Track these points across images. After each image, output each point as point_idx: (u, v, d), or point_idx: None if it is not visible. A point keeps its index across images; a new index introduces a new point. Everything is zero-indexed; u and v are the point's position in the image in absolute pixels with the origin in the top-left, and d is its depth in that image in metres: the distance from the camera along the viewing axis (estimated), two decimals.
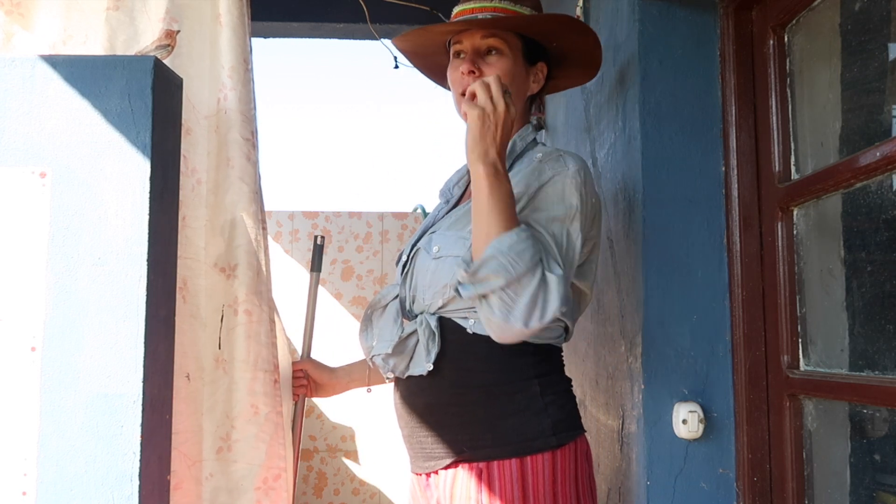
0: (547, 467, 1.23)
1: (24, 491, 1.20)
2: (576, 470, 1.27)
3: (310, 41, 3.27)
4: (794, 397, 1.32)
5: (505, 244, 1.12)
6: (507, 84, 1.23)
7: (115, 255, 1.25)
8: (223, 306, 1.60)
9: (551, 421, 1.25)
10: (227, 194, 1.62)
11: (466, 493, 1.24)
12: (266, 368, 1.60)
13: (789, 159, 1.36)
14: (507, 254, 1.12)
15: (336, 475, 3.04)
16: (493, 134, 1.16)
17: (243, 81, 1.65)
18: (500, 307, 1.13)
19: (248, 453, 1.57)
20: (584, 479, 1.28)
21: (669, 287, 1.42)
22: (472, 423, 1.26)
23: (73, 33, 1.59)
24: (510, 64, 1.34)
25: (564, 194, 1.23)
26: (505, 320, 1.13)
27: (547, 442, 1.24)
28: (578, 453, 1.28)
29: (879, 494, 1.20)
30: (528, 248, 1.12)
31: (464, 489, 1.25)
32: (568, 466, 1.25)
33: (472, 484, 1.24)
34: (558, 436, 1.25)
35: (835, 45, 1.31)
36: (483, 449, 1.25)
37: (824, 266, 1.31)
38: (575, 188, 1.24)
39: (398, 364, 1.33)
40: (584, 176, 1.26)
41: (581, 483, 1.27)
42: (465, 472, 1.26)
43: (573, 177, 1.24)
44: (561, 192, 1.24)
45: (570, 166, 1.26)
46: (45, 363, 1.22)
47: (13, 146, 1.27)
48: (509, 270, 1.11)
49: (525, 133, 1.39)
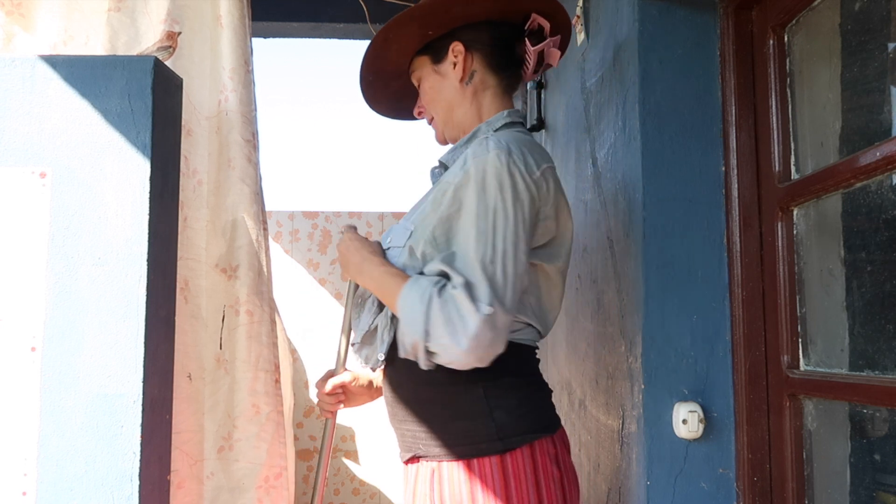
0: (496, 471, 1.23)
1: (24, 491, 1.20)
2: (535, 474, 1.24)
3: (310, 41, 3.27)
4: (794, 397, 1.32)
5: (399, 309, 1.22)
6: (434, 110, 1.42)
7: (115, 255, 1.25)
8: (224, 307, 1.60)
9: (496, 425, 1.24)
10: (229, 195, 1.63)
11: (423, 490, 1.27)
12: (267, 368, 1.61)
13: (789, 159, 1.36)
14: (405, 313, 1.20)
15: (336, 475, 3.04)
16: (345, 263, 1.38)
17: (244, 83, 1.65)
18: (439, 349, 1.17)
19: (249, 452, 1.58)
20: (549, 482, 1.25)
21: (669, 287, 1.42)
22: (428, 420, 1.28)
23: (74, 34, 1.59)
24: (428, 87, 1.42)
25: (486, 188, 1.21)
26: (451, 356, 1.17)
27: (493, 446, 1.23)
28: (540, 456, 1.25)
29: (879, 494, 1.20)
30: (413, 293, 1.20)
31: (422, 485, 1.28)
32: (522, 470, 1.24)
33: (426, 480, 1.27)
34: (505, 440, 1.23)
35: (835, 45, 1.31)
36: (435, 447, 1.27)
37: (824, 266, 1.31)
38: (494, 178, 1.20)
39: (370, 355, 1.35)
40: (507, 159, 1.21)
41: (547, 487, 1.24)
42: (423, 468, 1.29)
43: (492, 166, 1.21)
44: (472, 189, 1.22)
45: (490, 149, 1.22)
46: (45, 363, 1.23)
47: (13, 146, 1.27)
48: (414, 323, 1.18)
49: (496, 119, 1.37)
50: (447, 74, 1.39)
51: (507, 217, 1.19)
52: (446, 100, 1.40)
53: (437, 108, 1.42)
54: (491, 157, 1.21)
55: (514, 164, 1.21)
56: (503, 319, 1.18)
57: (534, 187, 1.22)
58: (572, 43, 2.00)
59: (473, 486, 1.22)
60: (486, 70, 1.38)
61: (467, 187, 1.22)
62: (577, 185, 1.95)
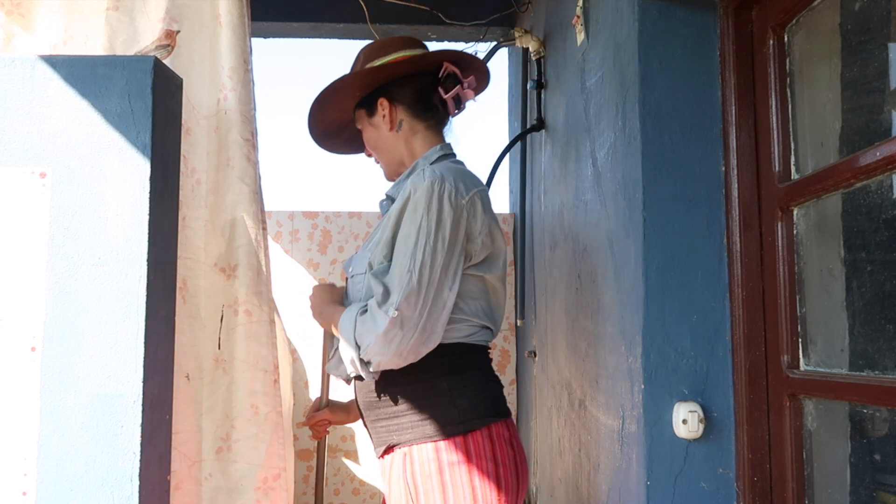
0: (460, 448, 1.46)
1: (24, 491, 1.20)
2: (493, 452, 1.48)
3: (310, 41, 3.26)
4: (794, 397, 1.32)
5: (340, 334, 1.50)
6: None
7: (115, 255, 1.25)
8: (223, 306, 1.60)
9: (458, 412, 1.47)
10: (227, 194, 1.62)
11: (397, 473, 1.49)
12: (266, 368, 1.60)
13: (789, 159, 1.36)
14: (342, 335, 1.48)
15: (336, 475, 3.04)
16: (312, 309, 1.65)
17: (243, 82, 1.65)
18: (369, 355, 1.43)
19: (247, 453, 1.57)
20: (505, 458, 1.48)
21: (669, 287, 1.42)
22: (398, 415, 1.50)
23: (74, 34, 1.59)
24: (368, 136, 1.69)
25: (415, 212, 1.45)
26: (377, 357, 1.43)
27: (456, 429, 1.46)
28: (496, 437, 1.49)
29: (879, 494, 1.20)
30: (346, 318, 1.47)
31: (396, 469, 1.50)
32: (483, 449, 1.47)
33: (399, 464, 1.49)
34: (466, 423, 1.47)
35: (835, 45, 1.31)
36: (407, 434, 1.48)
37: (824, 266, 1.31)
38: (423, 202, 1.44)
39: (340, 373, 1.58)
40: (439, 187, 1.45)
41: (503, 463, 1.48)
42: (396, 455, 1.50)
43: (424, 191, 1.45)
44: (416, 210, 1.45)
45: (426, 179, 1.46)
46: (45, 363, 1.22)
47: (13, 146, 1.27)
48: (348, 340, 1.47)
49: (430, 154, 1.62)
50: (379, 125, 1.65)
51: (430, 234, 1.43)
52: (384, 145, 1.66)
53: (378, 152, 1.69)
54: (426, 184, 1.45)
55: (444, 190, 1.45)
56: (414, 320, 1.41)
57: (461, 210, 1.46)
58: (572, 43, 2.00)
59: (441, 464, 1.45)
60: (411, 118, 1.64)
61: (405, 212, 1.46)
62: (577, 185, 1.95)
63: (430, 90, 1.65)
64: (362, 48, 1.70)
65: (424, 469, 1.45)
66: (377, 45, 1.68)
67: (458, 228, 1.45)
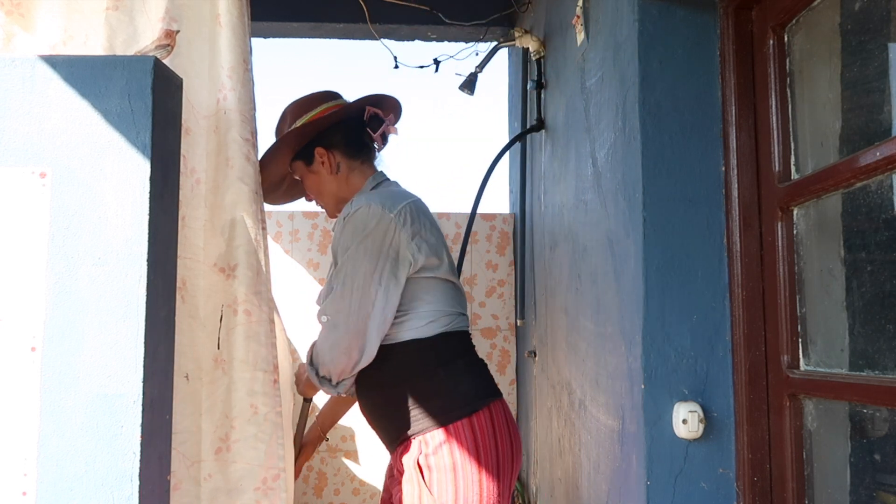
0: (467, 430, 1.65)
1: (24, 491, 1.20)
2: (493, 429, 1.68)
3: (310, 41, 3.26)
4: (794, 397, 1.32)
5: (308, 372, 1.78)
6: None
7: (115, 255, 1.25)
8: (222, 306, 1.60)
9: (461, 396, 1.67)
10: (227, 194, 1.62)
11: (410, 460, 1.66)
12: (265, 368, 1.60)
13: (789, 159, 1.36)
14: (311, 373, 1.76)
15: (336, 475, 3.04)
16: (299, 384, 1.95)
17: (243, 82, 1.65)
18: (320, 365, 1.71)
19: (247, 454, 1.57)
20: (504, 434, 1.69)
21: (669, 287, 1.42)
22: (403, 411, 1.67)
23: (74, 34, 1.59)
24: (310, 183, 1.91)
25: (344, 237, 1.68)
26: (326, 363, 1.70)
27: (462, 412, 1.66)
28: (495, 415, 1.69)
29: (879, 494, 1.20)
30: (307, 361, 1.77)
31: (409, 458, 1.66)
32: (486, 427, 1.67)
33: (413, 451, 1.66)
34: (469, 405, 1.67)
35: (835, 44, 1.31)
36: (420, 424, 1.66)
37: (824, 266, 1.31)
38: (350, 227, 1.67)
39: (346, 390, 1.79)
40: (365, 209, 1.67)
41: (501, 438, 1.68)
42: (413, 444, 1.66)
43: (351, 218, 1.67)
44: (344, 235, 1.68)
45: (353, 206, 1.69)
46: (45, 363, 1.22)
47: (13, 146, 1.26)
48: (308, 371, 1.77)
49: (366, 186, 1.85)
50: (320, 171, 1.87)
51: (357, 251, 1.65)
52: (327, 188, 1.88)
53: (321, 195, 1.91)
54: (352, 213, 1.69)
55: (368, 211, 1.67)
56: (342, 320, 1.64)
57: (387, 222, 1.66)
58: (572, 43, 2.00)
59: (452, 446, 1.63)
60: (348, 159, 1.87)
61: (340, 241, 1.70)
62: (577, 185, 1.95)
63: (358, 131, 1.88)
64: (287, 107, 1.93)
65: (440, 453, 1.63)
66: (302, 102, 1.91)
67: (383, 238, 1.65)
